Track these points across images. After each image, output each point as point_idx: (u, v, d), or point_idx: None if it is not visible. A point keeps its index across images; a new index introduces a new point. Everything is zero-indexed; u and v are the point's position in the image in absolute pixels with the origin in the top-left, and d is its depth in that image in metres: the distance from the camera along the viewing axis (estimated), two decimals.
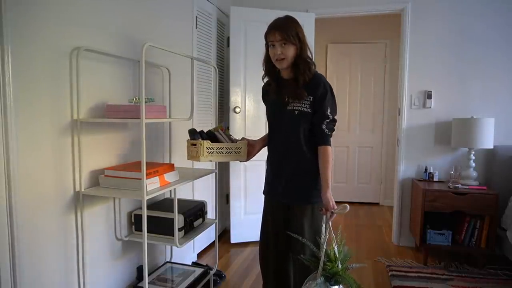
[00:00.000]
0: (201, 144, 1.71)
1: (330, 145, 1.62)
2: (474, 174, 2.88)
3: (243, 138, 1.85)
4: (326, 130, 1.61)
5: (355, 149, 4.77)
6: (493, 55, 2.99)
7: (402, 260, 2.90)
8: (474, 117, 2.87)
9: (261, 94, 1.86)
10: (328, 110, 1.60)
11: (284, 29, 1.57)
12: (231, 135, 1.89)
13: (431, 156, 3.16)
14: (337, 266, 1.45)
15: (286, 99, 1.64)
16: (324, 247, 1.48)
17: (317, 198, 1.63)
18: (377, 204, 4.75)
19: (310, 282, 1.48)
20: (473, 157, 2.90)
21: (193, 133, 1.82)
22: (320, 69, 4.60)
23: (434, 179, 3.06)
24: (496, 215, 2.67)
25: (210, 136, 1.82)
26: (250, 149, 1.82)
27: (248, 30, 3.11)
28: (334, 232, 1.53)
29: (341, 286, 1.47)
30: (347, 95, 4.72)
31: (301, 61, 1.61)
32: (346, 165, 4.80)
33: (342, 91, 4.72)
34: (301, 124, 1.63)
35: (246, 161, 1.86)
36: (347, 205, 1.49)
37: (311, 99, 1.61)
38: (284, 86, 1.67)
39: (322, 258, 1.47)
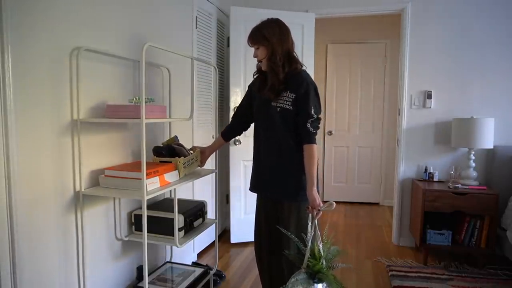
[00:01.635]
0: (179, 162, 1.88)
1: (315, 143, 1.64)
2: (474, 174, 2.88)
3: (193, 147, 2.10)
4: (311, 129, 1.63)
5: (355, 149, 4.77)
6: (493, 55, 3.00)
7: (402, 260, 2.90)
8: (474, 117, 2.87)
9: None
10: (312, 110, 1.63)
11: (251, 35, 1.73)
12: (182, 144, 2.07)
13: (431, 156, 3.16)
14: (322, 264, 1.45)
15: (267, 96, 1.70)
16: (309, 244, 1.48)
17: (304, 196, 1.65)
18: (377, 204, 4.75)
19: (294, 277, 1.48)
20: (473, 157, 2.90)
21: (158, 151, 1.97)
22: (320, 69, 4.66)
23: (434, 179, 3.07)
24: (496, 215, 2.67)
25: (171, 150, 1.98)
26: (202, 155, 2.08)
27: (248, 30, 3.02)
28: (320, 230, 1.52)
29: (324, 284, 1.46)
30: (347, 95, 4.72)
31: (270, 61, 1.67)
32: (346, 165, 4.80)
33: (342, 91, 4.72)
34: (283, 121, 1.66)
35: (201, 166, 2.11)
36: (333, 202, 1.49)
37: (293, 97, 1.64)
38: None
39: (307, 255, 1.47)
